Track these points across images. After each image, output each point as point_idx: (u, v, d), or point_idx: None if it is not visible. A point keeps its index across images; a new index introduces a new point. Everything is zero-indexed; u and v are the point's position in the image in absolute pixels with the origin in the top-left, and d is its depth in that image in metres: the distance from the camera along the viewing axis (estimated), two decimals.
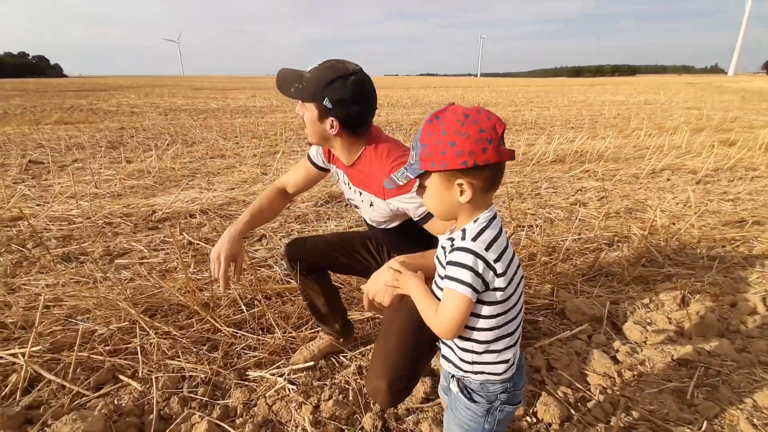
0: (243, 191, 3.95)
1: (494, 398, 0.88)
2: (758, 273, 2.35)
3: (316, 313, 1.61)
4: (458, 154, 0.74)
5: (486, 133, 0.74)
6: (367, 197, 1.29)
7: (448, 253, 0.81)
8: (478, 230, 0.80)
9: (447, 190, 0.79)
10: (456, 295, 0.78)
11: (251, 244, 2.82)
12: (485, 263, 0.77)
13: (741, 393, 1.47)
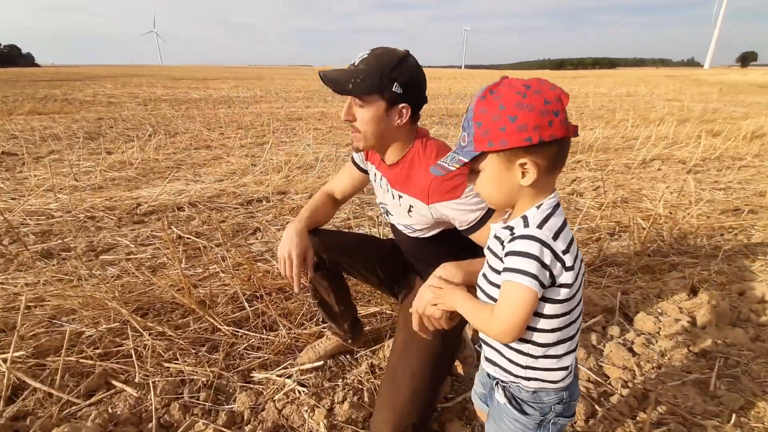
0: (233, 183, 3.79)
1: (548, 410, 0.79)
2: (761, 261, 2.36)
3: (325, 310, 1.50)
4: (521, 130, 0.65)
5: (551, 105, 0.65)
6: (407, 201, 1.16)
7: (507, 242, 0.71)
8: (543, 217, 0.70)
9: (507, 172, 0.70)
10: (519, 289, 0.68)
11: (245, 238, 2.69)
12: (553, 254, 0.68)
13: (762, 384, 1.45)
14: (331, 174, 3.98)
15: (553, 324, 0.73)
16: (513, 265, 0.68)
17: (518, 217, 0.73)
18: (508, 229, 0.74)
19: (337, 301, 1.46)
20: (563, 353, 0.76)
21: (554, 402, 0.78)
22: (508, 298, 0.70)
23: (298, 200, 3.35)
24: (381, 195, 1.30)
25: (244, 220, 2.99)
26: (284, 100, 11.51)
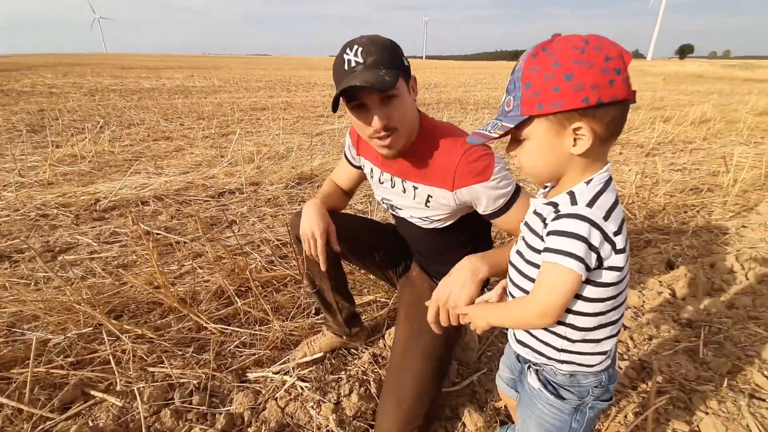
0: (200, 174, 3.58)
1: (586, 393, 0.75)
2: (724, 234, 2.51)
3: (321, 300, 1.41)
4: (577, 89, 0.58)
5: (613, 62, 0.58)
6: (425, 191, 1.08)
7: (551, 221, 0.65)
8: (594, 194, 0.63)
9: (557, 139, 0.63)
10: (561, 271, 0.62)
11: (221, 231, 2.54)
12: (603, 235, 0.62)
13: (744, 347, 1.54)
14: (305, 164, 3.84)
15: (595, 308, 0.68)
16: (557, 246, 0.63)
17: (563, 192, 0.67)
18: (552, 206, 0.68)
19: (333, 290, 1.37)
20: (603, 338, 0.71)
21: (593, 385, 0.74)
22: (548, 279, 0.65)
23: (274, 191, 3.21)
24: (382, 191, 1.22)
25: (217, 212, 2.83)
26: (245, 90, 11.04)
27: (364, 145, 1.24)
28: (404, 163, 1.09)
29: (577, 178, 0.67)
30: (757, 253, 2.25)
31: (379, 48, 0.92)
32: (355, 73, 0.91)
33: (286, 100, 9.07)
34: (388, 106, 0.95)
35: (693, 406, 1.27)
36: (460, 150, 1.00)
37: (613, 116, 0.61)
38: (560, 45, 0.60)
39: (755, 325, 1.66)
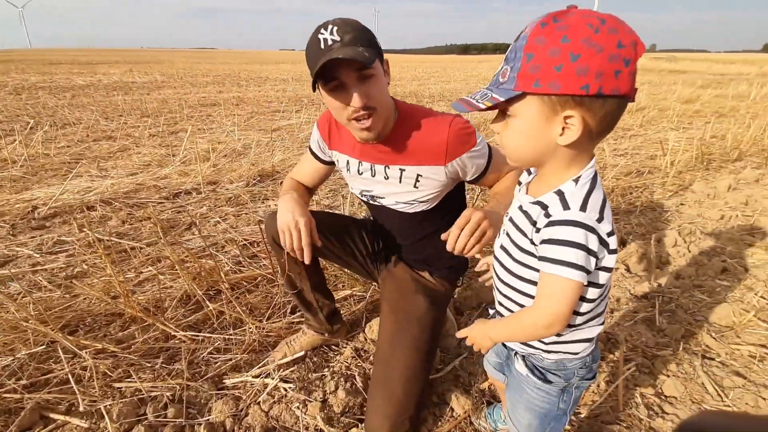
0: (151, 175, 3.35)
1: (572, 375, 0.76)
2: (666, 212, 2.73)
3: (299, 299, 1.37)
4: (580, 73, 0.52)
5: (625, 50, 0.52)
6: (413, 172, 1.09)
7: (543, 227, 0.63)
8: (585, 194, 0.61)
9: (546, 123, 0.58)
10: (564, 283, 0.60)
11: (181, 234, 2.40)
12: (599, 239, 0.59)
13: (693, 313, 1.69)
14: (265, 161, 3.72)
15: (587, 307, 0.68)
16: (556, 256, 0.60)
17: (551, 192, 0.64)
18: (540, 206, 0.65)
19: (313, 289, 1.34)
20: (590, 327, 0.72)
21: (578, 367, 0.76)
22: (553, 289, 0.63)
23: (234, 189, 3.08)
24: (361, 183, 1.21)
25: (174, 215, 2.67)
26: (191, 85, 10.47)
27: (336, 139, 1.21)
28: (385, 148, 1.09)
29: (561, 171, 0.64)
30: (695, 227, 2.47)
31: (354, 27, 0.92)
32: (332, 51, 0.90)
33: (237, 95, 8.71)
34: (366, 85, 0.94)
35: (656, 370, 1.38)
36: (446, 124, 1.03)
37: (608, 111, 0.57)
38: (575, 18, 0.53)
39: (700, 293, 1.83)
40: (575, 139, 0.58)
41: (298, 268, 1.29)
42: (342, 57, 0.86)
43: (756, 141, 4.40)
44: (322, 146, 1.25)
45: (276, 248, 1.28)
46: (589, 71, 0.53)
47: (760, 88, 9.44)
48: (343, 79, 0.92)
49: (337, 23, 0.92)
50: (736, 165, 3.81)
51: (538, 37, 0.55)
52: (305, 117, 6.02)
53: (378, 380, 1.10)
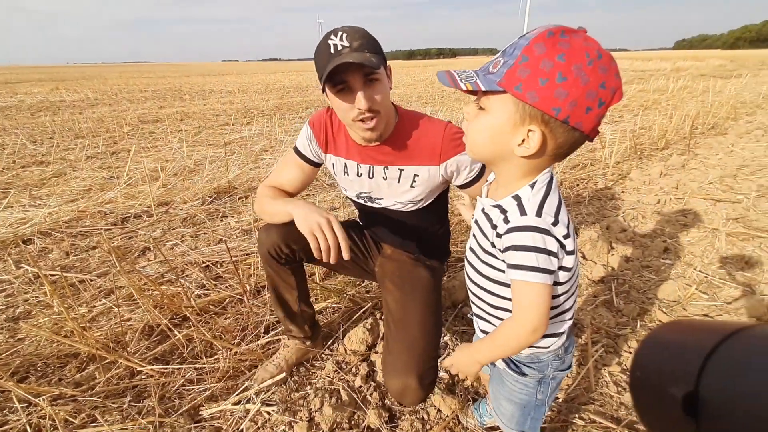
0: (93, 201, 3.12)
1: (546, 367, 0.79)
2: (610, 200, 2.95)
3: (284, 310, 1.35)
4: (558, 96, 0.54)
5: (604, 92, 0.55)
6: (410, 172, 1.14)
7: (504, 234, 0.65)
8: (540, 199, 0.64)
9: (512, 128, 0.60)
10: (533, 288, 0.63)
11: (135, 261, 2.25)
12: (556, 241, 0.63)
13: (644, 292, 1.83)
14: (221, 177, 3.58)
15: (553, 303, 0.70)
16: (520, 262, 0.63)
17: (509, 196, 0.67)
18: (499, 210, 0.68)
19: (299, 299, 1.33)
20: (558, 323, 0.75)
21: (551, 359, 0.79)
22: (526, 297, 0.65)
23: (189, 209, 2.94)
24: (359, 185, 1.23)
25: (124, 241, 2.50)
26: (128, 102, 9.87)
27: (332, 143, 1.23)
28: (386, 149, 1.14)
29: (517, 179, 0.66)
30: (637, 213, 2.69)
31: (362, 35, 0.98)
32: (342, 55, 0.95)
33: (181, 109, 8.32)
34: (371, 88, 0.99)
35: (619, 349, 1.48)
36: (441, 127, 1.10)
37: (567, 140, 0.59)
38: (578, 42, 0.55)
39: (648, 273, 1.99)
40: (530, 153, 0.60)
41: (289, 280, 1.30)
42: (352, 61, 0.92)
43: (678, 130, 4.86)
44: (314, 148, 1.24)
45: (272, 263, 1.26)
46: (567, 97, 0.55)
47: (676, 82, 10.45)
48: (350, 82, 0.98)
49: (347, 30, 0.98)
50: (664, 153, 4.19)
51: (540, 44, 0.55)
52: (257, 129, 5.87)
53: (396, 338, 1.10)
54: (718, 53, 45.29)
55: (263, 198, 1.22)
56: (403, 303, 1.16)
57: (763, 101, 7.20)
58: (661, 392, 0.31)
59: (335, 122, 1.21)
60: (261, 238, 1.23)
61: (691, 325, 0.35)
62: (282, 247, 1.21)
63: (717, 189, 3.05)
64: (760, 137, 4.62)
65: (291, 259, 1.25)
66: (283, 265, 1.25)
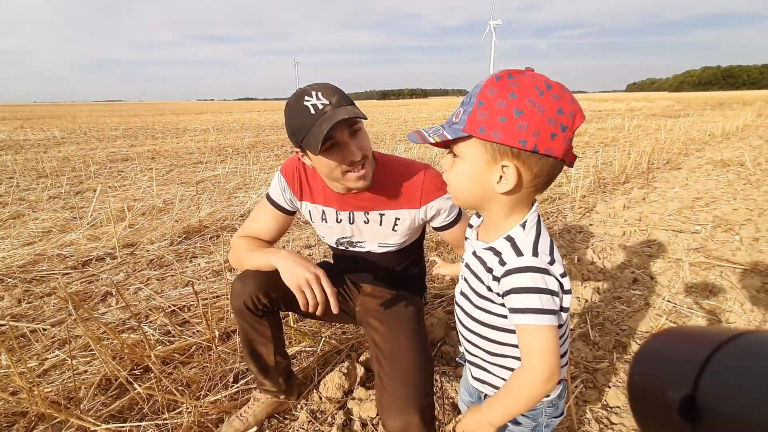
0: (53, 244, 2.95)
1: (540, 415, 0.77)
2: (579, 233, 3.05)
3: (258, 365, 1.27)
4: (520, 128, 0.57)
5: (563, 117, 0.57)
6: (392, 216, 1.15)
7: (502, 276, 0.64)
8: (534, 239, 0.64)
9: (486, 168, 0.62)
10: (541, 331, 0.61)
11: (94, 308, 2.11)
12: (556, 280, 0.62)
13: (618, 323, 1.86)
14: (191, 216, 3.49)
15: None
16: (524, 305, 0.62)
17: (502, 237, 0.66)
18: (493, 253, 0.67)
19: (275, 351, 1.26)
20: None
21: (545, 407, 0.77)
22: (535, 342, 0.62)
23: (156, 250, 2.82)
24: (339, 231, 1.22)
25: (83, 286, 2.36)
26: (97, 140, 9.67)
27: (307, 190, 1.21)
28: (366, 195, 1.14)
29: (503, 218, 0.67)
30: (605, 245, 2.78)
31: (334, 89, 0.99)
32: (327, 114, 0.94)
33: (152, 148, 8.20)
34: (357, 138, 1.01)
35: (598, 384, 1.47)
36: (421, 171, 1.12)
37: (543, 169, 0.61)
38: (525, 79, 0.58)
39: (620, 303, 2.03)
40: (510, 188, 0.62)
41: (266, 332, 1.23)
42: (348, 117, 0.92)
43: (636, 165, 5.16)
44: (288, 196, 1.22)
45: (247, 315, 1.18)
46: (528, 128, 0.57)
47: (630, 121, 11.23)
48: (338, 137, 0.97)
49: (319, 89, 0.97)
50: (626, 186, 4.41)
51: (491, 88, 0.59)
52: (231, 166, 5.83)
53: (390, 375, 1.05)
54: (666, 95, 49.31)
55: (240, 250, 1.16)
56: (391, 338, 1.13)
57: (710, 138, 7.81)
58: (658, 396, 0.31)
59: (309, 169, 1.20)
60: (236, 289, 1.16)
61: (689, 331, 0.36)
62: (260, 297, 1.15)
63: (677, 220, 3.21)
64: (711, 171, 4.96)
65: (269, 309, 1.19)
66: (259, 318, 1.19)
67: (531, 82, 0.58)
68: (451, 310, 2.00)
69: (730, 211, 3.37)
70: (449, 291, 2.17)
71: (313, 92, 0.96)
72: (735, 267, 2.36)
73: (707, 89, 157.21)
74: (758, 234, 2.83)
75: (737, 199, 3.74)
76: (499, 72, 0.60)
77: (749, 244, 2.67)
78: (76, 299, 2.15)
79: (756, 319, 1.86)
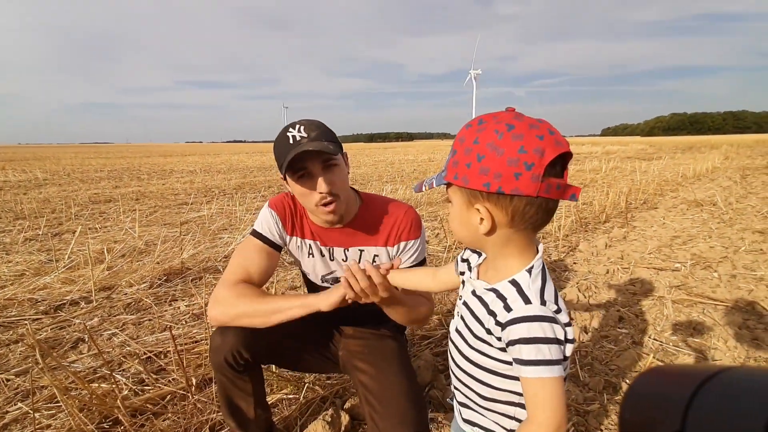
0: (25, 287, 2.83)
1: None
2: (564, 271, 3.07)
3: (236, 419, 1.19)
4: (482, 172, 0.59)
5: (526, 156, 0.56)
6: (371, 252, 1.18)
7: (507, 324, 0.62)
8: (540, 286, 0.63)
9: (467, 212, 0.65)
10: (551, 384, 0.59)
11: (64, 355, 2.00)
12: (562, 329, 0.61)
13: (607, 363, 1.84)
14: (174, 257, 3.41)
15: None
16: (532, 357, 0.60)
17: (506, 281, 0.66)
18: (497, 295, 0.66)
19: (255, 406, 1.19)
20: None
21: None
22: (544, 395, 0.60)
23: (134, 293, 2.72)
24: (324, 267, 1.23)
25: (54, 332, 2.24)
26: (81, 182, 9.57)
27: (298, 225, 1.22)
28: (348, 230, 1.17)
29: (501, 258, 0.67)
30: (590, 283, 2.80)
31: (318, 126, 1.06)
32: (301, 144, 1.02)
33: (137, 189, 8.15)
34: (330, 173, 1.05)
35: (590, 427, 1.43)
36: (401, 211, 1.17)
37: (516, 208, 0.60)
38: (490, 124, 0.60)
39: (607, 342, 2.02)
40: (488, 229, 0.63)
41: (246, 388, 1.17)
42: (311, 149, 0.99)
43: (615, 205, 5.32)
44: (279, 229, 1.20)
45: (228, 371, 1.12)
46: (490, 171, 0.59)
47: (607, 163, 11.71)
48: (309, 168, 1.03)
49: (304, 123, 1.06)
50: (606, 226, 4.52)
51: (462, 136, 0.63)
52: (217, 207, 5.80)
53: (383, 416, 1.02)
54: (638, 139, 51.99)
55: (242, 299, 1.06)
56: (380, 378, 1.11)
57: (683, 179, 8.17)
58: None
59: (297, 205, 1.23)
60: (215, 344, 1.11)
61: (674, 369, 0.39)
62: (242, 352, 1.09)
63: (657, 258, 3.28)
64: (686, 211, 5.15)
65: (251, 364, 1.13)
66: (240, 373, 1.14)
67: (493, 126, 0.60)
68: (439, 351, 1.95)
69: (706, 248, 3.46)
70: (436, 332, 2.13)
71: (297, 126, 1.05)
72: (716, 304, 2.39)
73: (676, 134, 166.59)
74: (735, 271, 2.90)
75: (713, 237, 3.86)
76: (472, 120, 0.64)
77: (727, 281, 2.73)
78: (44, 347, 2.04)
79: (740, 355, 1.86)
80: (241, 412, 1.19)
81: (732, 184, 7.43)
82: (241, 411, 1.19)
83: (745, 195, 6.17)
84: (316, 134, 1.04)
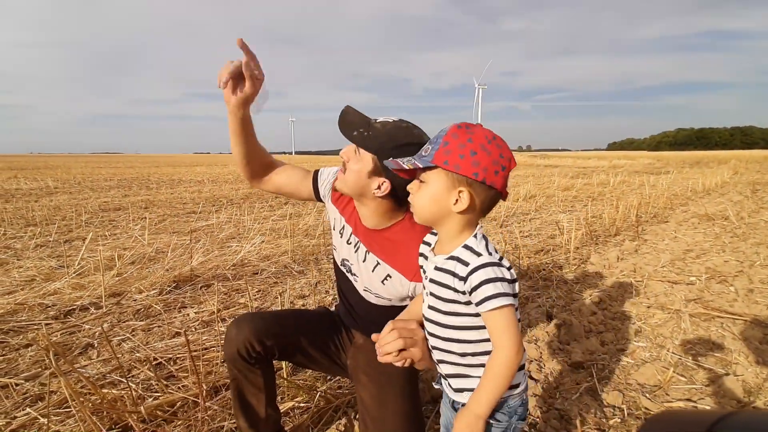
0: (36, 292, 2.84)
1: (513, 413, 0.84)
2: (576, 283, 3.03)
3: (247, 417, 1.19)
4: (474, 165, 0.77)
5: (503, 161, 0.79)
6: (385, 270, 1.12)
7: (467, 275, 0.77)
8: (485, 243, 0.81)
9: (446, 192, 0.79)
10: (503, 312, 0.75)
11: (74, 360, 1.99)
12: (507, 270, 0.78)
13: (625, 377, 1.79)
14: (183, 265, 3.41)
15: None
16: (488, 293, 0.75)
17: (459, 247, 0.81)
18: (455, 260, 0.80)
19: (267, 404, 1.19)
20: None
21: (518, 405, 0.85)
22: (500, 322, 0.76)
23: (144, 300, 2.72)
24: (346, 252, 1.21)
25: (64, 337, 2.24)
26: (91, 190, 9.68)
27: (344, 202, 1.23)
28: (378, 237, 1.13)
29: (458, 233, 0.82)
30: (604, 295, 2.75)
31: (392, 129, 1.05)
32: (362, 116, 1.07)
33: (146, 198, 8.22)
34: (351, 148, 1.06)
35: None
36: None
37: (487, 196, 0.80)
38: (478, 130, 0.80)
39: (624, 356, 1.97)
40: (464, 209, 0.79)
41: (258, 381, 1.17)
42: (346, 115, 1.05)
43: (625, 219, 5.28)
44: (326, 188, 1.25)
45: (240, 363, 1.14)
46: (480, 164, 0.77)
47: (615, 177, 11.66)
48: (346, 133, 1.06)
49: (395, 119, 1.07)
50: (617, 239, 4.48)
51: (454, 133, 0.79)
52: (225, 216, 5.83)
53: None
54: (645, 154, 51.91)
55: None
56: (380, 398, 1.07)
57: (692, 194, 8.10)
58: None
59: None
60: (230, 336, 1.14)
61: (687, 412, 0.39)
62: (254, 345, 1.12)
63: (671, 272, 3.23)
64: (697, 225, 5.09)
65: (262, 357, 1.15)
66: (252, 365, 1.15)
67: (482, 132, 0.80)
68: None
69: (721, 262, 3.41)
70: None
71: (387, 117, 1.07)
72: (735, 318, 2.34)
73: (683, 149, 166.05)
74: (752, 285, 2.85)
75: (726, 251, 3.80)
76: (461, 123, 0.81)
77: (745, 295, 2.68)
78: (58, 348, 2.03)
79: (762, 372, 1.81)
80: (252, 410, 1.19)
81: (743, 198, 7.35)
82: (252, 409, 1.19)
83: (757, 210, 6.09)
84: (381, 122, 1.05)
